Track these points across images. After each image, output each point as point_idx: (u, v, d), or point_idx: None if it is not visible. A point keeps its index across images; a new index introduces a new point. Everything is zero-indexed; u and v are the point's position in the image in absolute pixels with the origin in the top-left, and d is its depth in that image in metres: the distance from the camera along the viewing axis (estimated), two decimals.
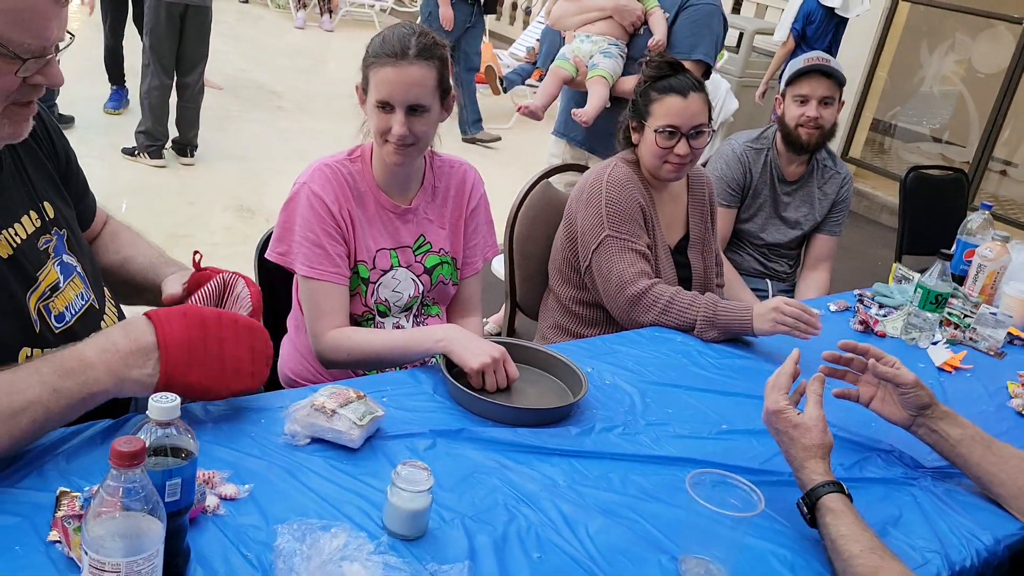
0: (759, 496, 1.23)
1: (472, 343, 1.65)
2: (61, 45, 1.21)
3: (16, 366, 1.17)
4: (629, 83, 3.26)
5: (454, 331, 1.70)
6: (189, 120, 5.30)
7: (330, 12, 10.91)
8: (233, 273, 1.51)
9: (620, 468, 1.46)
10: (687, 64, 2.61)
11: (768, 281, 3.01)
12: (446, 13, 6.31)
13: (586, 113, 3.22)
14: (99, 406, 1.23)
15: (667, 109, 2.17)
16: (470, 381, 1.61)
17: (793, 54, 6.10)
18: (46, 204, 1.40)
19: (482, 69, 7.35)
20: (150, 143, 5.14)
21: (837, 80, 2.79)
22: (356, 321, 1.88)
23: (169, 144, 5.31)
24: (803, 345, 1.86)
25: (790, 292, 3.04)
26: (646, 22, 3.24)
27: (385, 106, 1.75)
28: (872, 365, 1.61)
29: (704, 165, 2.88)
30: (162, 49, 4.97)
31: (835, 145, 3.47)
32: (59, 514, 1.08)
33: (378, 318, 1.90)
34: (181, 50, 5.05)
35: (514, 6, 11.34)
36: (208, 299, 1.48)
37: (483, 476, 1.36)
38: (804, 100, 2.80)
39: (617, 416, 1.64)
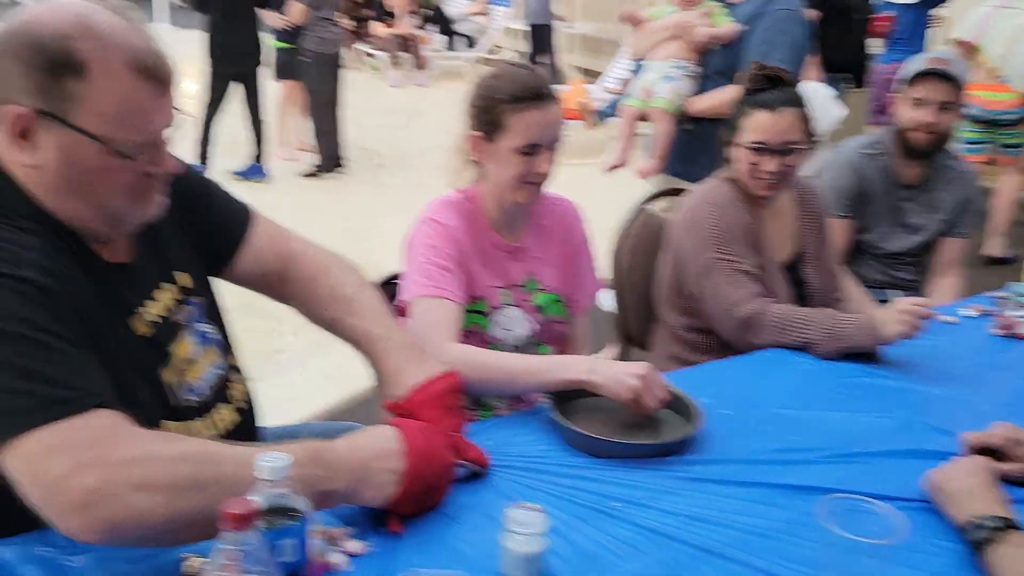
0: (902, 521, 1.13)
1: (615, 370, 1.55)
2: (169, 130, 1.21)
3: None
4: (704, 101, 3.17)
5: (597, 363, 1.60)
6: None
7: (421, 68, 11.21)
8: None
9: (744, 500, 1.38)
10: None
11: (894, 291, 2.85)
12: None
13: (648, 169, 3.19)
14: None
15: (756, 124, 2.10)
16: (621, 407, 1.54)
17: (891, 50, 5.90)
18: (181, 275, 1.38)
19: (574, 104, 7.36)
20: (332, 164, 6.52)
21: (958, 84, 2.63)
22: None
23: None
24: (943, 363, 1.75)
25: None
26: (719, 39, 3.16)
27: (534, 149, 1.75)
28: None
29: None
30: (330, 94, 6.29)
31: None
32: None
33: None
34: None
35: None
36: None
37: (599, 515, 1.31)
38: (921, 103, 2.65)
39: (737, 446, 1.55)
